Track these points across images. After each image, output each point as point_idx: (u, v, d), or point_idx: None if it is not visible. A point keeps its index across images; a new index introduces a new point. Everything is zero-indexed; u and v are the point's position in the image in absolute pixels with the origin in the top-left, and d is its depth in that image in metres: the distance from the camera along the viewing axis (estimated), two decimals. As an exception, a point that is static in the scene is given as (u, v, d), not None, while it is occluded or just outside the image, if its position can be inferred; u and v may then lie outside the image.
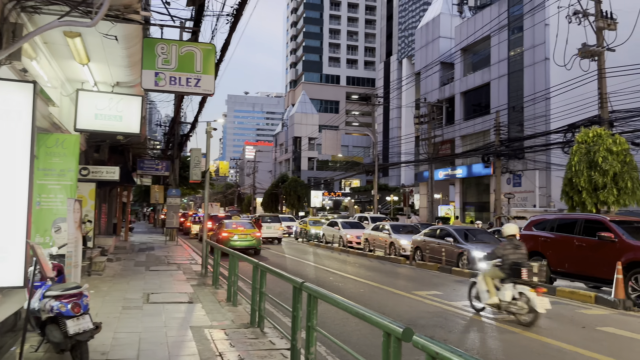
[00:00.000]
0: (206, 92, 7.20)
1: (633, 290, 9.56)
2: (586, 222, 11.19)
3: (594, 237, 10.63)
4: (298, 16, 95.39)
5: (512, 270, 8.15)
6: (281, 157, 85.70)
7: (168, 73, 7.05)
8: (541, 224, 12.56)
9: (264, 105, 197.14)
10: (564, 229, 11.74)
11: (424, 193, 40.65)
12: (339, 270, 14.80)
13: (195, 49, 7.21)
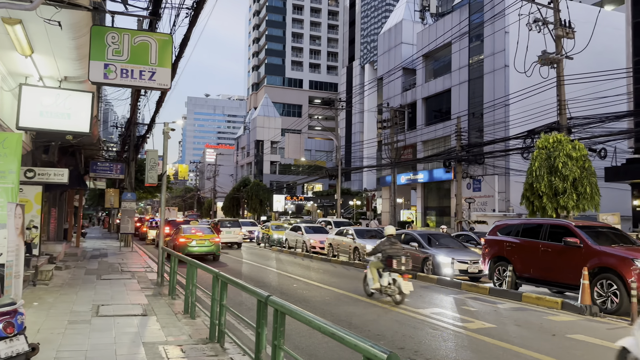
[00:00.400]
0: (162, 86, 6.63)
1: (599, 296, 9.56)
2: (551, 227, 11.15)
3: (560, 243, 10.59)
4: (260, 19, 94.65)
5: (386, 261, 10.40)
6: (243, 161, 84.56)
7: (119, 65, 6.44)
8: (506, 229, 12.49)
9: (225, 108, 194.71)
10: (529, 234, 11.63)
11: (386, 197, 40.74)
12: (302, 277, 14.36)
13: (150, 39, 6.63)
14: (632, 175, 20.28)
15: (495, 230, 12.72)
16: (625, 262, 9.26)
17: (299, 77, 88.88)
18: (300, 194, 66.68)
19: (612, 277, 9.35)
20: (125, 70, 6.44)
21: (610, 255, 9.60)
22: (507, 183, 30.11)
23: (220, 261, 19.06)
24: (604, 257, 9.64)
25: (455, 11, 35.71)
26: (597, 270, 9.67)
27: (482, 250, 13.01)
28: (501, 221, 13.46)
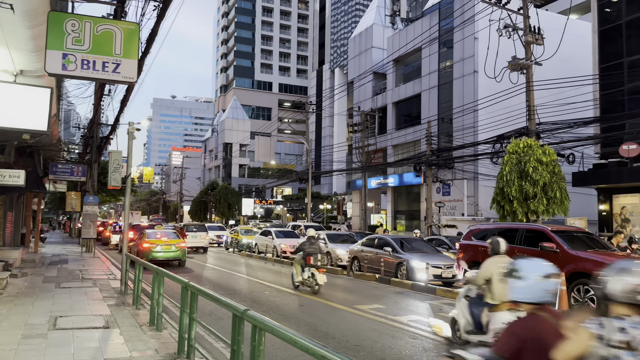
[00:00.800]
0: (127, 79, 6.11)
1: (575, 302, 9.52)
2: (527, 232, 11.06)
3: (536, 248, 10.50)
4: (229, 20, 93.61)
5: (305, 258, 12.22)
6: (211, 164, 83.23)
7: (80, 55, 5.89)
8: (481, 233, 12.40)
9: (193, 110, 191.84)
10: (504, 238, 11.53)
11: (356, 201, 40.63)
12: (274, 283, 13.92)
13: (115, 27, 6.10)
14: (598, 180, 20.67)
15: (470, 234, 12.60)
16: (602, 267, 9.16)
17: (269, 80, 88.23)
18: (269, 198, 66.03)
19: (589, 282, 9.30)
20: (86, 61, 5.89)
21: (587, 260, 9.56)
22: (476, 187, 30.40)
23: (187, 267, 18.43)
24: (581, 262, 9.59)
25: (425, 17, 35.97)
26: (573, 275, 9.59)
27: (457, 255, 12.88)
28: (476, 225, 13.36)
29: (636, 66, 20.57)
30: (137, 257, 11.03)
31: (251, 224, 42.97)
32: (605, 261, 9.21)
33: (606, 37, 22.38)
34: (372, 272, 14.88)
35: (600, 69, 22.14)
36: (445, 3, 34.17)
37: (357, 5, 63.54)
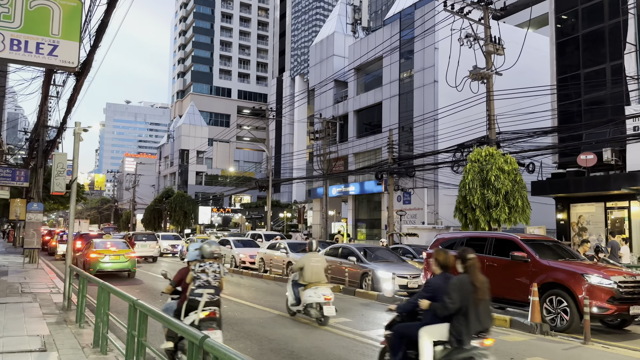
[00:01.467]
0: (66, 63, 5.28)
1: (548, 313, 9.21)
2: (497, 241, 10.68)
3: (506, 257, 10.15)
4: (187, 25, 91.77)
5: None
6: (166, 171, 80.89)
7: (9, 33, 5.03)
8: (448, 242, 11.96)
9: (148, 116, 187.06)
10: (473, 247, 11.12)
11: (317, 210, 40.12)
12: (232, 296, 13.12)
13: (52, 4, 5.27)
14: (557, 189, 20.96)
15: (438, 243, 12.15)
16: (575, 277, 8.91)
17: (228, 86, 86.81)
18: (227, 206, 64.58)
19: (562, 293, 8.97)
20: (16, 40, 5.02)
21: (559, 270, 9.24)
22: (436, 196, 30.49)
23: (137, 278, 17.45)
24: (553, 272, 9.26)
25: (386, 26, 36.10)
26: (545, 285, 9.27)
27: (424, 264, 12.49)
28: (443, 234, 13.00)
29: (592, 78, 21.07)
30: (82, 270, 10.05)
31: (208, 233, 41.68)
32: (580, 271, 8.97)
33: (563, 49, 22.88)
34: (337, 283, 14.31)
35: (558, 80, 22.58)
36: (406, 13, 34.40)
37: (318, 15, 63.47)
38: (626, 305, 8.66)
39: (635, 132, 17.49)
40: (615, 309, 8.58)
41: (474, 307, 4.63)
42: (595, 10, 21.31)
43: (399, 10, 35.36)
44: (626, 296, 8.68)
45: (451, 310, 4.59)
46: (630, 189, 17.99)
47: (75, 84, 12.37)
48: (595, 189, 19.39)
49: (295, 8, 68.36)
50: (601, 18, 21.11)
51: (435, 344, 4.70)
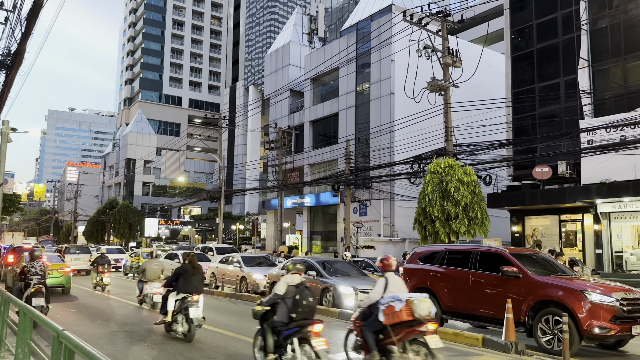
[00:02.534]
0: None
1: (543, 334, 8.35)
2: (482, 255, 9.88)
3: (494, 272, 9.36)
4: (137, 31, 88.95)
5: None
6: (110, 181, 77.41)
7: None
8: (428, 256, 11.13)
9: (93, 124, 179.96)
10: (456, 262, 10.35)
11: (271, 222, 39.07)
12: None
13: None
14: (513, 201, 21.02)
15: (416, 257, 11.34)
16: (574, 294, 8.14)
17: (178, 95, 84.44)
18: (176, 218, 62.27)
19: (558, 312, 8.13)
20: None
21: (555, 286, 8.46)
22: (392, 208, 30.23)
23: (72, 294, 16.18)
24: (549, 289, 8.48)
25: (343, 37, 35.90)
26: (540, 304, 8.50)
27: (402, 278, 11.77)
28: (422, 247, 12.05)
29: (547, 92, 21.41)
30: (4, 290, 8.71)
31: (155, 247, 39.77)
32: (580, 288, 8.23)
33: (518, 64, 23.22)
34: (295, 299, 13.40)
35: (513, 94, 22.85)
36: (362, 25, 34.33)
37: (272, 27, 62.85)
38: (628, 324, 8.00)
39: (590, 145, 17.75)
40: (619, 329, 7.91)
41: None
42: (550, 26, 21.76)
43: (356, 21, 35.26)
44: (629, 315, 8.02)
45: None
46: (584, 201, 18.21)
47: (5, 78, 11.02)
48: (550, 202, 19.54)
49: (249, 19, 67.53)
50: (555, 34, 21.56)
51: None
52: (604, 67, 19.05)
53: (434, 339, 5.96)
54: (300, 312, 6.22)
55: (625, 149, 15.37)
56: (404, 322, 5.99)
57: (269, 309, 6.59)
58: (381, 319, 6.10)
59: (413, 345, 6.02)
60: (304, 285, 6.48)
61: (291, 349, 6.15)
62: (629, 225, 18.44)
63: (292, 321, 6.23)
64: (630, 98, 17.80)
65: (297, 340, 6.14)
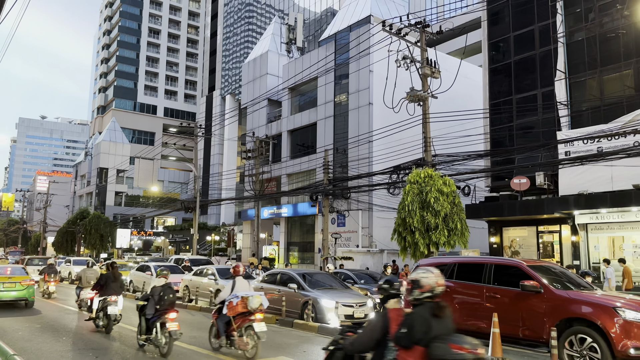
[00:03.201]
0: None
1: (569, 358, 7.69)
2: (497, 267, 9.12)
3: (513, 287, 8.59)
4: (111, 39, 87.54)
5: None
6: (82, 191, 75.45)
7: None
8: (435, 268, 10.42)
9: (65, 132, 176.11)
10: (467, 275, 9.58)
11: (247, 232, 38.41)
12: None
13: None
14: (492, 212, 21.00)
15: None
16: (605, 311, 7.40)
17: (153, 103, 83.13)
18: (149, 229, 60.92)
19: (588, 331, 7.50)
20: None
21: (583, 302, 7.73)
22: (370, 218, 30.00)
23: (35, 308, 15.39)
24: (575, 305, 7.76)
25: (321, 47, 35.80)
26: (565, 322, 7.82)
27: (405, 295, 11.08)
28: (427, 260, 11.14)
29: (524, 103, 21.55)
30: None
31: (127, 258, 38.67)
32: (610, 304, 7.56)
33: (496, 75, 23.37)
34: (273, 313, 12.94)
35: (491, 105, 22.95)
36: (341, 36, 34.31)
37: (249, 37, 62.55)
38: None
39: (567, 156, 17.85)
40: None
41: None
42: (527, 39, 21.98)
43: (334, 32, 35.24)
44: None
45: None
46: (562, 212, 18.27)
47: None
48: (529, 213, 19.57)
49: (227, 29, 67.11)
50: (532, 46, 21.77)
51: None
52: (581, 80, 19.28)
53: (259, 325, 8.17)
54: (162, 305, 8.65)
55: (603, 160, 15.45)
56: (241, 313, 8.31)
57: (146, 303, 9.01)
58: (225, 312, 8.53)
59: (247, 331, 8.25)
60: (168, 286, 8.95)
61: (155, 330, 8.59)
62: (605, 237, 18.56)
63: (157, 311, 8.68)
64: (607, 110, 18.01)
65: (159, 325, 8.57)
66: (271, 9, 61.26)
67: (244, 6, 63.36)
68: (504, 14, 23.68)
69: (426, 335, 3.52)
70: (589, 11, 19.43)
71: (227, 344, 8.46)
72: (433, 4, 52.17)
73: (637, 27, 17.95)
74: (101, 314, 11.20)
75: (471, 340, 3.66)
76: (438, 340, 3.53)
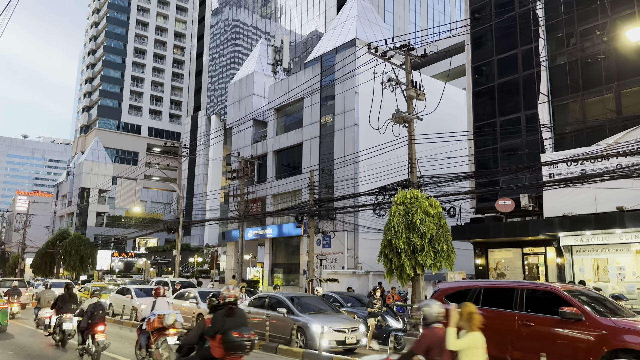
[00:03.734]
0: None
1: None
2: (530, 292, 8.34)
3: (550, 315, 7.83)
4: (96, 58, 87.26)
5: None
6: (63, 211, 74.08)
7: None
8: (458, 293, 9.28)
9: (47, 152, 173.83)
10: (495, 301, 8.69)
11: (231, 254, 37.87)
12: (127, 357, 10.95)
13: None
14: (477, 234, 20.97)
15: (441, 295, 9.46)
16: None
17: (137, 123, 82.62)
18: (131, 250, 59.83)
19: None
20: None
21: (634, 332, 6.96)
22: (356, 240, 29.80)
23: (9, 332, 14.95)
24: (625, 335, 6.96)
25: (307, 68, 36.00)
26: (612, 353, 7.00)
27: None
28: (448, 283, 10.38)
29: (508, 125, 21.76)
30: None
31: (107, 280, 37.83)
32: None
33: (480, 98, 23.63)
34: (260, 339, 12.56)
35: (475, 127, 23.14)
36: (326, 58, 34.56)
37: (235, 58, 62.85)
38: None
39: (551, 178, 17.95)
40: None
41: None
42: (510, 62, 22.32)
43: (320, 54, 35.49)
44: None
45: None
46: (547, 234, 18.29)
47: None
48: (514, 235, 19.56)
49: (213, 50, 67.37)
50: (515, 69, 22.10)
51: None
52: (564, 103, 19.55)
53: (172, 338, 9.27)
54: (93, 319, 10.49)
55: (587, 183, 15.56)
56: (158, 328, 9.46)
57: (81, 318, 10.90)
58: (144, 327, 9.72)
59: (163, 344, 9.39)
60: (99, 304, 10.93)
61: (87, 341, 10.38)
62: (590, 259, 18.61)
63: (89, 325, 10.48)
64: (590, 133, 18.24)
65: (90, 336, 10.35)
66: (258, 30, 61.72)
67: (230, 28, 63.79)
68: (487, 38, 24.07)
69: (222, 327, 5.68)
70: (570, 36, 19.83)
71: (147, 356, 9.60)
72: (417, 27, 53.10)
73: (616, 52, 18.34)
74: (57, 330, 12.56)
75: (249, 329, 5.81)
76: (229, 330, 5.64)
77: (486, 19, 23.63)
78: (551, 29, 20.54)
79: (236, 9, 64.03)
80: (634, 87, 18.31)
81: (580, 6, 19.55)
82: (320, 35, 48.33)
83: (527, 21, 21.46)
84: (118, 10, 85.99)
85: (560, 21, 20.19)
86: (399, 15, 52.45)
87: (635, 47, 17.46)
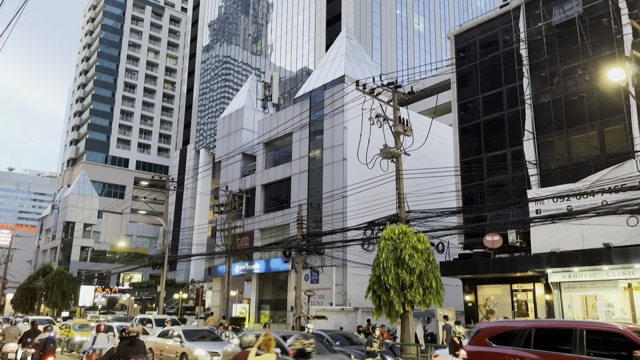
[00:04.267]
0: None
1: None
2: (590, 333, 7.64)
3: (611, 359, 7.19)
4: (86, 92, 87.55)
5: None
6: (46, 245, 72.65)
7: None
8: (503, 335, 8.42)
9: (32, 185, 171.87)
10: (549, 344, 7.96)
11: (217, 290, 37.16)
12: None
13: None
14: (466, 270, 20.89)
15: (484, 336, 8.53)
16: None
17: (125, 156, 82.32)
18: (115, 286, 58.52)
19: None
20: None
21: None
22: (345, 275, 29.46)
23: None
24: None
25: (296, 104, 36.39)
26: None
27: None
28: (492, 323, 9.52)
29: (494, 161, 22.01)
30: None
31: (89, 317, 36.78)
32: None
33: (466, 134, 23.96)
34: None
35: (462, 163, 23.36)
36: (316, 94, 35.02)
37: (225, 93, 63.50)
38: None
39: (538, 214, 18.06)
40: None
41: None
42: (495, 100, 22.78)
43: (309, 90, 35.96)
44: None
45: None
46: (535, 271, 18.26)
47: None
48: (502, 271, 19.51)
49: (203, 85, 68.07)
50: (500, 107, 22.53)
51: None
52: (549, 140, 19.89)
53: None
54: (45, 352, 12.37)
55: (574, 219, 15.66)
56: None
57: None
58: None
59: None
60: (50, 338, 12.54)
61: None
62: (578, 295, 18.54)
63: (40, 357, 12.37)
64: (575, 169, 18.49)
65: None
66: (248, 67, 62.63)
67: (221, 64, 64.65)
68: (472, 76, 24.61)
69: (124, 353, 8.17)
70: (554, 75, 20.35)
71: None
72: (405, 66, 54.22)
73: (599, 91, 18.82)
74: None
75: (143, 356, 8.08)
76: (127, 356, 7.83)
77: (471, 58, 24.22)
78: (535, 68, 21.10)
79: (227, 46, 65.08)
80: (617, 125, 18.73)
81: (562, 47, 20.15)
82: (310, 71, 49.14)
83: (511, 60, 22.03)
84: (109, 45, 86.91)
85: (543, 61, 20.77)
86: (387, 54, 53.60)
87: (616, 87, 17.95)
